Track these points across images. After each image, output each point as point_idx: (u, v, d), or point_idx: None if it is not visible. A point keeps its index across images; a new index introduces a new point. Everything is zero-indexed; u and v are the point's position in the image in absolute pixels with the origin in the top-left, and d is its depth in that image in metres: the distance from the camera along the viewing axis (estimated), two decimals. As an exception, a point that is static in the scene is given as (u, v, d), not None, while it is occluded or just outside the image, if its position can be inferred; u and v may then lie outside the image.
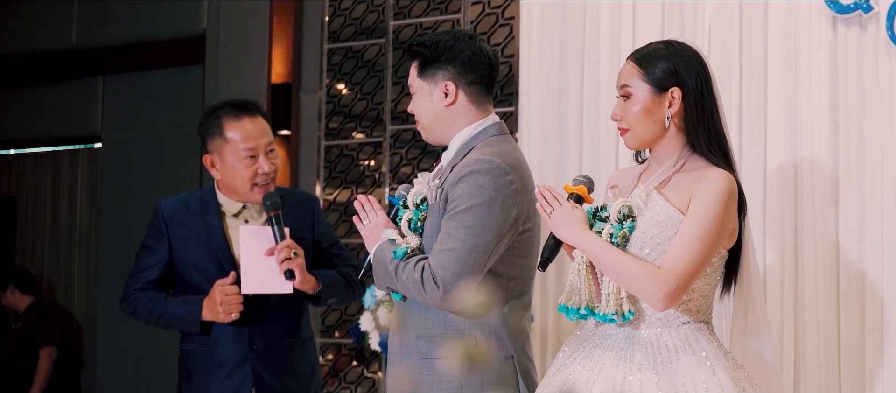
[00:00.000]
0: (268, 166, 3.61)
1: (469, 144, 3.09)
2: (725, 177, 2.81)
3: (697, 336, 2.83)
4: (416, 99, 3.17)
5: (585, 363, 2.87)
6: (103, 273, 7.09)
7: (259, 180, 3.62)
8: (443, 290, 2.94)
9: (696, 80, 2.86)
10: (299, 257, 3.51)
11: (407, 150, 5.31)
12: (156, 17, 6.63)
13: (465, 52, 3.10)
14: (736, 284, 2.95)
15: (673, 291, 2.75)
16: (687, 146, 2.89)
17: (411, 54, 3.17)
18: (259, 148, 3.62)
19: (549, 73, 4.85)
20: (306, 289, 3.56)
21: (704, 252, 2.76)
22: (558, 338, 4.69)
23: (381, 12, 5.42)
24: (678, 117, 2.88)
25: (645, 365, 2.79)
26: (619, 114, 2.92)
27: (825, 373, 4.12)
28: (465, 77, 3.10)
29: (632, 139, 2.92)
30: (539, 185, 2.95)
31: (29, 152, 8.04)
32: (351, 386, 5.33)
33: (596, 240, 2.82)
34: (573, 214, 2.85)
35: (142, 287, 3.72)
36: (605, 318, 2.84)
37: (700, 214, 2.77)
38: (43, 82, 7.40)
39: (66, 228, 7.86)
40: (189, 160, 6.57)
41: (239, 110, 3.66)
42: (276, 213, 3.54)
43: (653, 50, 2.92)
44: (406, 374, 3.06)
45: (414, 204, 3.08)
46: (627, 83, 2.90)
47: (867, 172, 4.16)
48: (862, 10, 4.17)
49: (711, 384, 2.74)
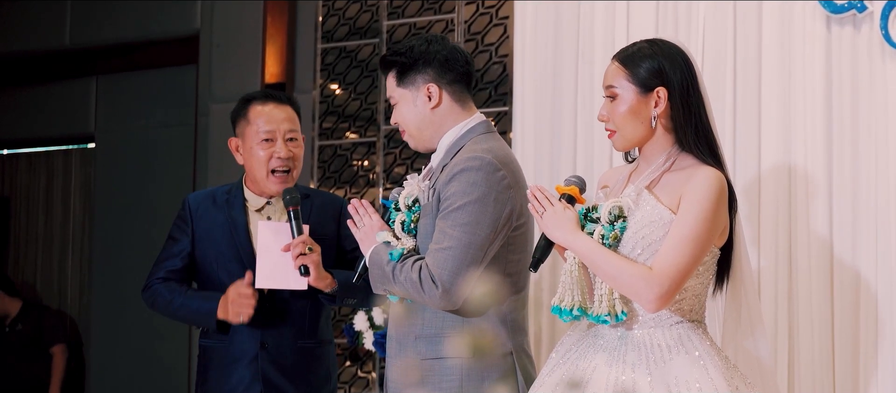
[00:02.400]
0: (285, 152, 3.61)
1: (458, 144, 3.09)
2: (715, 175, 2.81)
3: (690, 335, 2.82)
4: (398, 108, 3.16)
5: (579, 363, 2.87)
6: (96, 273, 7.08)
7: (274, 165, 3.61)
8: (441, 289, 2.94)
9: (681, 79, 2.85)
10: (314, 253, 3.47)
11: (401, 150, 5.30)
12: (149, 16, 6.62)
13: (440, 52, 3.10)
14: (728, 283, 2.95)
15: (665, 291, 2.74)
16: (676, 145, 2.89)
17: (386, 65, 3.16)
18: (277, 132, 3.62)
19: (544, 73, 4.85)
20: (322, 286, 3.52)
21: (696, 251, 2.76)
22: (552, 337, 4.68)
23: (375, 12, 5.41)
24: (665, 117, 2.87)
25: (638, 365, 2.78)
26: (607, 115, 2.91)
27: (819, 373, 4.12)
28: (446, 76, 3.10)
29: (619, 140, 2.92)
30: (531, 185, 2.95)
31: (22, 152, 8.03)
32: (345, 386, 5.33)
33: (587, 241, 2.81)
34: (564, 215, 2.85)
35: (164, 277, 3.70)
36: (598, 319, 2.83)
37: (690, 213, 2.76)
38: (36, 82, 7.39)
39: (59, 228, 7.84)
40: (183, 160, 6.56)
41: (267, 97, 3.70)
42: (295, 208, 3.52)
43: (637, 50, 2.91)
44: (405, 374, 3.06)
45: (405, 206, 3.08)
46: (613, 84, 2.90)
47: (861, 172, 4.16)
48: (856, 10, 4.17)
49: (705, 384, 2.73)
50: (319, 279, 3.50)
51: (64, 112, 7.29)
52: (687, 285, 2.81)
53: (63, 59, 7.09)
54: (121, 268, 6.89)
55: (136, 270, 6.74)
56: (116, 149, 7.03)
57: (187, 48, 6.43)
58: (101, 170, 7.11)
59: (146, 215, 6.85)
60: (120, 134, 7.02)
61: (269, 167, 3.62)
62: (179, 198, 3.88)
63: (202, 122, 6.27)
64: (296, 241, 3.48)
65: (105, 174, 7.07)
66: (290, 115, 3.67)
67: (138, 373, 6.79)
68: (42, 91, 7.38)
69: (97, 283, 7.07)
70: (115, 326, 6.91)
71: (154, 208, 6.80)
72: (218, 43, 6.09)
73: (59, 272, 7.81)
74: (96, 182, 7.18)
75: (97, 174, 7.17)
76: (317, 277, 3.49)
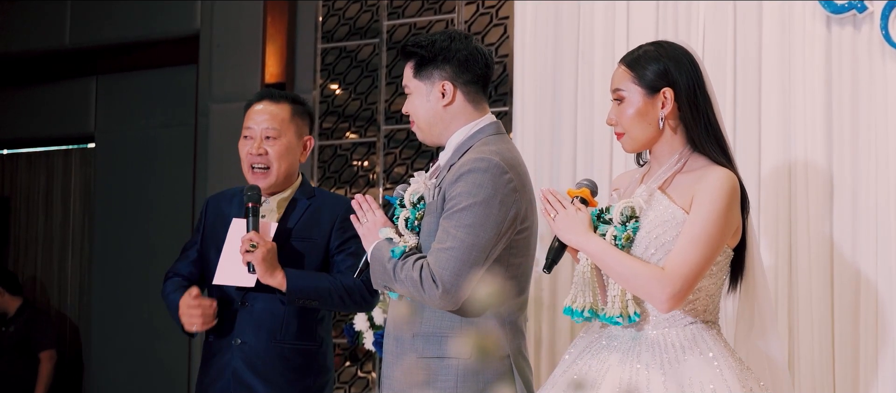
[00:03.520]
0: (256, 148, 3.61)
1: (466, 144, 3.08)
2: (727, 175, 2.81)
3: (704, 336, 2.82)
4: (411, 99, 3.16)
5: (592, 364, 2.86)
6: (96, 273, 7.08)
7: (251, 161, 3.63)
8: (442, 289, 2.93)
9: (687, 80, 2.86)
10: (259, 250, 3.45)
11: (401, 150, 5.30)
12: (149, 16, 6.62)
13: (461, 51, 3.09)
14: (741, 283, 2.95)
15: (678, 291, 2.74)
16: (687, 145, 2.89)
17: (406, 55, 3.16)
18: (256, 130, 3.63)
19: (544, 73, 4.85)
20: (274, 285, 3.51)
21: (708, 251, 2.76)
22: (552, 338, 4.69)
23: (375, 12, 5.41)
24: (672, 117, 2.88)
25: (652, 364, 2.78)
26: (614, 118, 2.92)
27: (819, 372, 4.12)
28: (463, 76, 3.09)
29: (628, 142, 2.93)
30: (542, 189, 2.95)
31: (22, 152, 8.03)
32: (345, 386, 5.33)
33: (600, 242, 2.82)
34: (577, 217, 2.85)
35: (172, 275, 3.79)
36: (610, 320, 2.83)
37: (703, 213, 2.76)
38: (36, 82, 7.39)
39: (59, 229, 7.84)
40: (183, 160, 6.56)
41: (263, 96, 3.72)
42: (252, 205, 3.53)
43: (643, 52, 2.92)
44: (402, 373, 3.06)
45: (410, 203, 3.08)
46: (620, 87, 2.91)
47: (861, 172, 4.16)
48: (856, 10, 4.17)
49: (718, 385, 2.72)
50: (270, 278, 3.48)
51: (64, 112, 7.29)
52: (700, 286, 2.81)
53: (63, 59, 7.09)
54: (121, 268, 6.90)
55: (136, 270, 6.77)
56: (116, 149, 7.03)
57: (187, 48, 6.43)
58: (101, 170, 7.11)
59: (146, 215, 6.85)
60: (120, 134, 7.03)
61: (248, 163, 3.64)
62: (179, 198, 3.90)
63: (202, 122, 6.27)
64: (243, 237, 3.49)
65: (105, 174, 7.07)
66: (273, 114, 3.65)
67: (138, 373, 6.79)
68: (42, 91, 7.38)
69: (97, 283, 7.07)
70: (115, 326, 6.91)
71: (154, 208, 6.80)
72: (218, 43, 6.09)
73: (59, 272, 7.80)
74: (96, 182, 7.18)
75: (97, 174, 7.17)
76: (263, 274, 3.47)
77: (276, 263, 3.50)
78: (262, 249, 3.46)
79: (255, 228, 3.51)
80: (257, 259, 3.46)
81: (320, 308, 3.62)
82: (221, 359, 3.62)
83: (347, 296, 3.59)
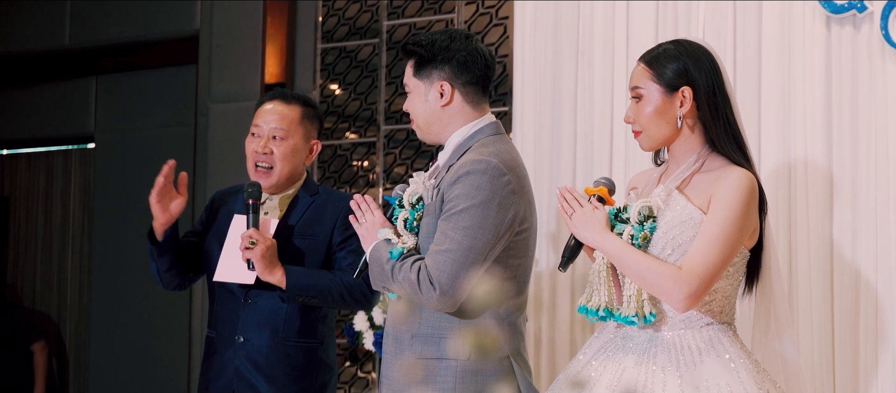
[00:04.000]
0: (262, 147, 3.61)
1: (465, 144, 3.08)
2: (746, 175, 2.81)
3: (721, 337, 2.81)
4: (411, 98, 3.16)
5: (607, 365, 2.86)
6: (96, 273, 7.07)
7: (255, 159, 3.63)
8: (439, 291, 2.93)
9: (706, 79, 2.85)
10: (259, 248, 3.45)
11: (400, 150, 5.30)
12: (149, 16, 6.62)
13: (461, 52, 3.09)
14: (758, 284, 2.94)
15: (695, 291, 2.74)
16: (706, 145, 2.89)
17: (407, 53, 3.16)
18: (264, 128, 3.63)
19: (543, 73, 4.85)
20: (273, 282, 3.51)
21: (726, 252, 2.75)
22: (552, 338, 4.68)
23: (375, 12, 5.41)
24: (691, 116, 2.87)
25: (668, 366, 2.77)
26: (632, 116, 2.92)
27: (819, 372, 4.12)
28: (462, 77, 3.09)
29: (645, 141, 2.92)
30: (560, 187, 2.95)
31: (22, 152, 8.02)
32: (345, 386, 5.33)
33: (616, 241, 2.81)
34: (594, 216, 2.85)
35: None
36: (625, 320, 2.83)
37: (721, 213, 2.76)
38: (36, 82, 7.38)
39: (58, 228, 7.83)
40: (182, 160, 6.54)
41: (274, 96, 3.72)
42: (252, 202, 3.53)
43: (663, 51, 2.91)
44: (401, 373, 3.06)
45: (410, 203, 3.08)
46: (638, 85, 2.90)
47: (861, 172, 4.16)
48: (856, 10, 4.17)
49: (735, 387, 2.72)
50: (270, 275, 3.48)
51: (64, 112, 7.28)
52: (717, 286, 2.80)
53: (63, 59, 7.08)
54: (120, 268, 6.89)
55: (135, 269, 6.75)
56: (116, 149, 7.02)
57: (187, 48, 6.42)
58: (100, 170, 7.10)
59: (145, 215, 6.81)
60: (119, 134, 7.02)
61: (253, 161, 3.64)
62: (178, 198, 3.90)
63: (202, 122, 6.26)
64: (243, 234, 3.49)
65: (104, 174, 7.06)
66: (281, 114, 3.65)
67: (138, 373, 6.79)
68: (42, 91, 7.37)
69: (97, 283, 7.07)
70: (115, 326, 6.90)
71: (153, 208, 6.79)
72: (217, 43, 6.09)
73: (59, 272, 7.80)
74: (96, 182, 7.17)
75: (97, 174, 7.16)
76: (262, 271, 3.47)
77: (276, 260, 3.49)
78: (262, 245, 3.46)
79: (254, 224, 3.51)
80: (256, 256, 3.46)
81: (320, 305, 3.61)
82: (224, 356, 3.62)
83: (348, 293, 3.58)
